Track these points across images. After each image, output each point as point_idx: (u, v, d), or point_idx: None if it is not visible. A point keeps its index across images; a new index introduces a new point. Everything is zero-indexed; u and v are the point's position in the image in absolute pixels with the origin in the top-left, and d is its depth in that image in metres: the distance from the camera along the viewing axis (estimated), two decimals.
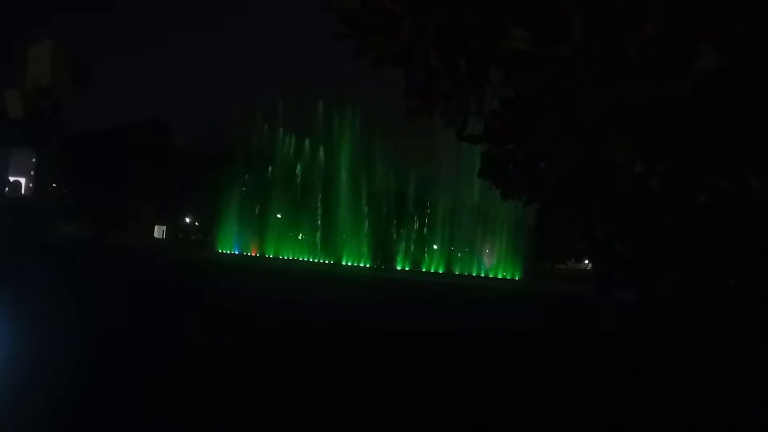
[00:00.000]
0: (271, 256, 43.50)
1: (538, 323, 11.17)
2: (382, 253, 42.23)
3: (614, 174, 1.96)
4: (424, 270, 40.22)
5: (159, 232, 69.10)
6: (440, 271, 39.84)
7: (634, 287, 2.68)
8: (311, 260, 42.32)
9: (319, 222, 43.81)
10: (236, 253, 46.02)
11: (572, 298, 12.83)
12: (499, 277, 38.86)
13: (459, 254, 42.10)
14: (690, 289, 2.08)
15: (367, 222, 42.34)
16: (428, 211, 42.59)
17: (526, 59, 1.96)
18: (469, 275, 38.75)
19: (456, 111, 2.71)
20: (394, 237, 42.27)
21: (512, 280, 37.86)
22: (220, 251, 45.84)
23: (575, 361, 6.89)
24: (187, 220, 68.40)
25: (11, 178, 29.49)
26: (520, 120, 2.82)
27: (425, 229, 42.45)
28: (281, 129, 45.49)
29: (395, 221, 42.34)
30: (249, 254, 45.21)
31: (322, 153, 44.35)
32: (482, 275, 39.14)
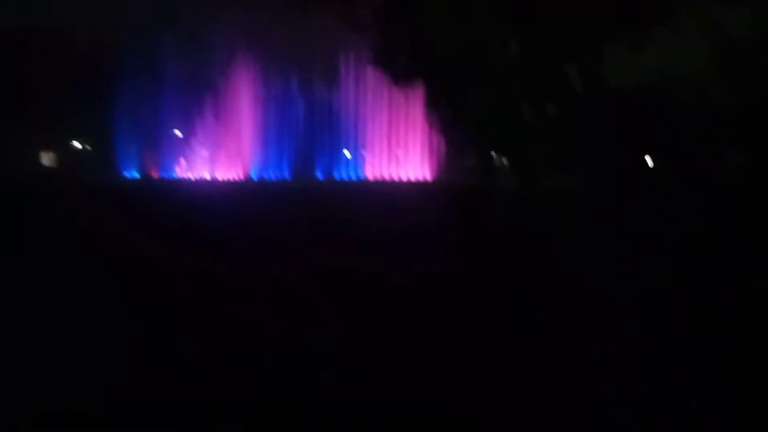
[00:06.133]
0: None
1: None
2: (297, 162, 41.40)
3: (486, 50, 2.02)
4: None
5: (48, 159, 63.61)
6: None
7: (516, 174, 2.87)
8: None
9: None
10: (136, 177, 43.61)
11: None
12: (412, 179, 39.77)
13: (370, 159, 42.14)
14: (562, 163, 2.27)
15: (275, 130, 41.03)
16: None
17: None
18: (383, 180, 39.30)
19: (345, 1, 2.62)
20: (308, 144, 41.18)
21: (426, 181, 38.85)
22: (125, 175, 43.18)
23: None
24: (77, 144, 63.19)
25: None
26: (409, 11, 2.79)
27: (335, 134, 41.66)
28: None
29: (306, 127, 41.11)
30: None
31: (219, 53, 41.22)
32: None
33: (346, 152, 41.57)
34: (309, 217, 13.23)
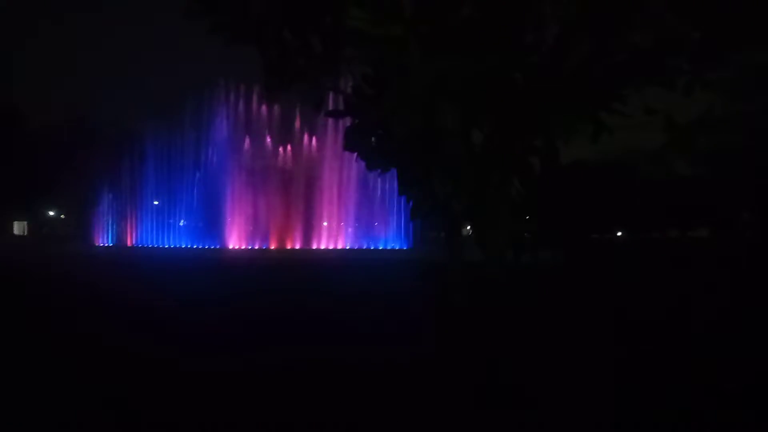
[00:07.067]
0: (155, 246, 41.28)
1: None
2: (271, 232, 41.47)
3: (446, 139, 2.21)
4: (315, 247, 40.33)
5: (19, 228, 62.77)
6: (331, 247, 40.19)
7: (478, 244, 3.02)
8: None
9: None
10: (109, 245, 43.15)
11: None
12: (389, 248, 40.03)
13: (349, 229, 42.62)
14: (512, 236, 2.43)
15: (251, 201, 41.28)
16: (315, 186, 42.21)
17: (365, 37, 2.14)
18: (360, 249, 39.46)
19: (312, 88, 2.83)
20: (283, 215, 41.49)
21: (401, 250, 39.13)
22: (98, 244, 42.85)
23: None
24: (51, 213, 62.56)
25: None
26: (376, 95, 3.01)
27: (314, 206, 42.14)
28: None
29: (281, 199, 41.54)
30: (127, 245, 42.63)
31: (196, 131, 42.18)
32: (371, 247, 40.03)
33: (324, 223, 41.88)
34: (283, 286, 13.13)
